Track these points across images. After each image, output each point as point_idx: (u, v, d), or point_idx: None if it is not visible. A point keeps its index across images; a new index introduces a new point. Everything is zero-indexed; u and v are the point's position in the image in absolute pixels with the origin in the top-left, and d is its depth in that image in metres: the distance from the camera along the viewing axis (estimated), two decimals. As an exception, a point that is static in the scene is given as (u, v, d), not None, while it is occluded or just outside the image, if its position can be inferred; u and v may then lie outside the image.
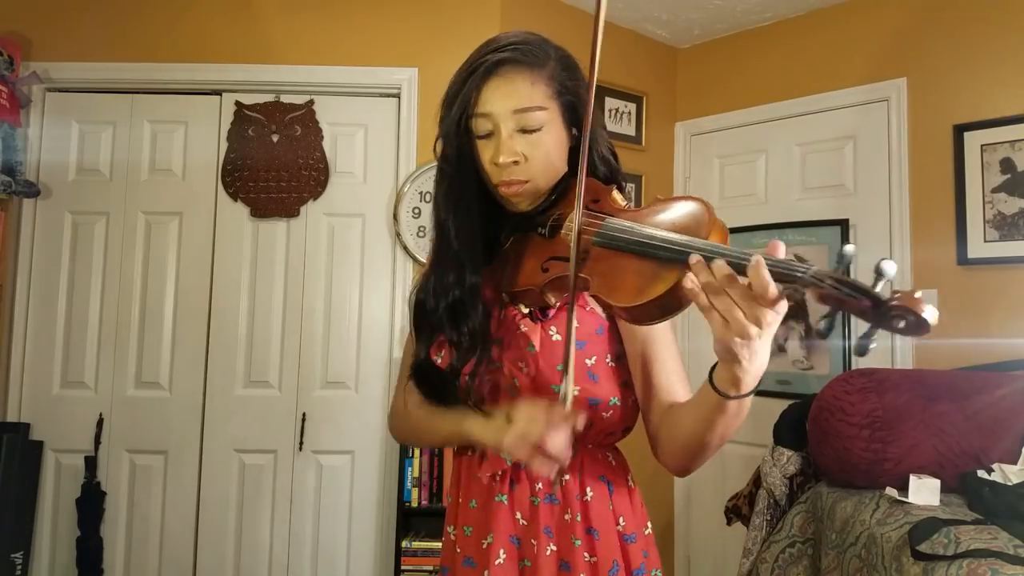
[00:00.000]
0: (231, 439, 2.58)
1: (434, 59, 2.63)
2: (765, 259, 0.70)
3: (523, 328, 1.00)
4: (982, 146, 2.51)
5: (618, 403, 0.99)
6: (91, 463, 2.52)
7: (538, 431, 0.86)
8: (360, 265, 2.65)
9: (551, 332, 1.00)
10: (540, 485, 0.99)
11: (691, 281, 0.74)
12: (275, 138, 2.63)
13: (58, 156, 2.61)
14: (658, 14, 3.08)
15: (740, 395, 0.81)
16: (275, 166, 2.62)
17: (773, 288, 0.69)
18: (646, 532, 1.06)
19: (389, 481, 2.57)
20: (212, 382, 2.59)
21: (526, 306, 1.01)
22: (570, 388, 0.88)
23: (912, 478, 1.95)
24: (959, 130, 2.56)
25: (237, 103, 2.64)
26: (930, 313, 0.64)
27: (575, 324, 0.89)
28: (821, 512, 2.12)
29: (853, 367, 2.75)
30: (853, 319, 2.86)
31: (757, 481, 2.45)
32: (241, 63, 2.62)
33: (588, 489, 1.00)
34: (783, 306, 0.72)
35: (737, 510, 2.55)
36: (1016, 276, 2.44)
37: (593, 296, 0.89)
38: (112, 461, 2.56)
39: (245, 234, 2.63)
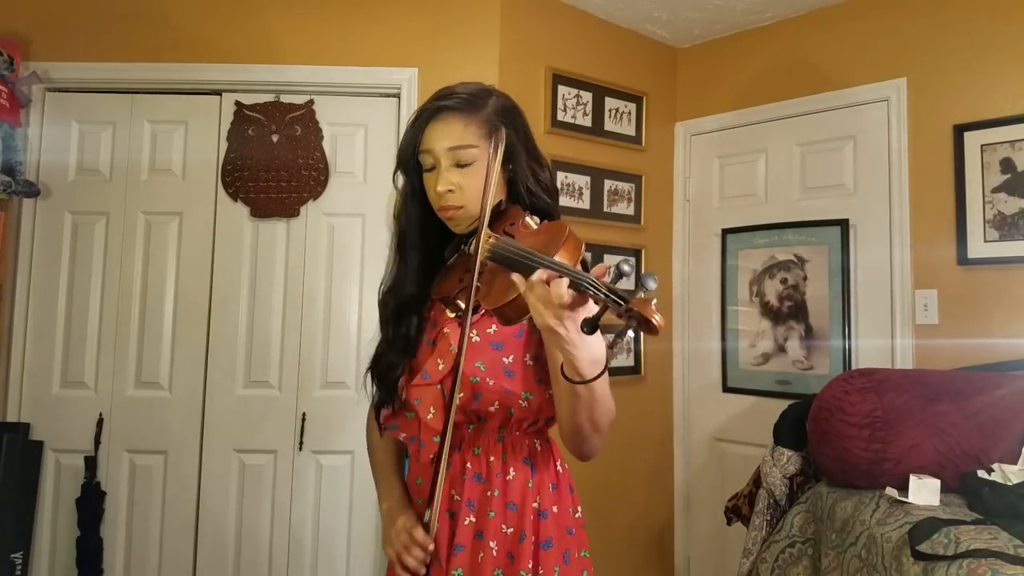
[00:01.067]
0: (231, 439, 2.57)
1: (434, 59, 2.63)
2: (568, 273, 0.91)
3: (446, 330, 1.17)
4: (982, 146, 2.51)
5: (531, 397, 1.15)
6: (91, 463, 2.52)
7: (399, 545, 1.12)
8: (360, 265, 2.65)
9: (472, 334, 1.16)
10: (468, 464, 1.16)
11: (522, 286, 0.96)
12: (275, 138, 2.63)
13: (58, 156, 2.61)
14: (658, 14, 3.08)
15: (579, 380, 0.97)
16: (275, 166, 2.62)
17: (565, 296, 0.90)
18: (576, 515, 1.23)
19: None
20: (212, 382, 2.59)
21: (451, 311, 1.18)
22: (434, 518, 1.10)
23: (912, 478, 1.96)
24: (959, 130, 2.56)
25: (237, 103, 2.64)
26: (656, 317, 0.81)
27: (463, 358, 1.08)
28: (821, 512, 2.12)
29: (853, 367, 2.75)
30: (854, 321, 2.86)
31: (757, 481, 2.45)
32: (241, 63, 2.62)
33: (511, 469, 1.16)
34: (580, 308, 0.91)
35: (737, 510, 2.55)
36: (1016, 276, 2.44)
37: (478, 301, 1.07)
38: (112, 461, 2.56)
39: (245, 234, 2.63)
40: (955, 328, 2.54)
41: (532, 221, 1.13)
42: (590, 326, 0.87)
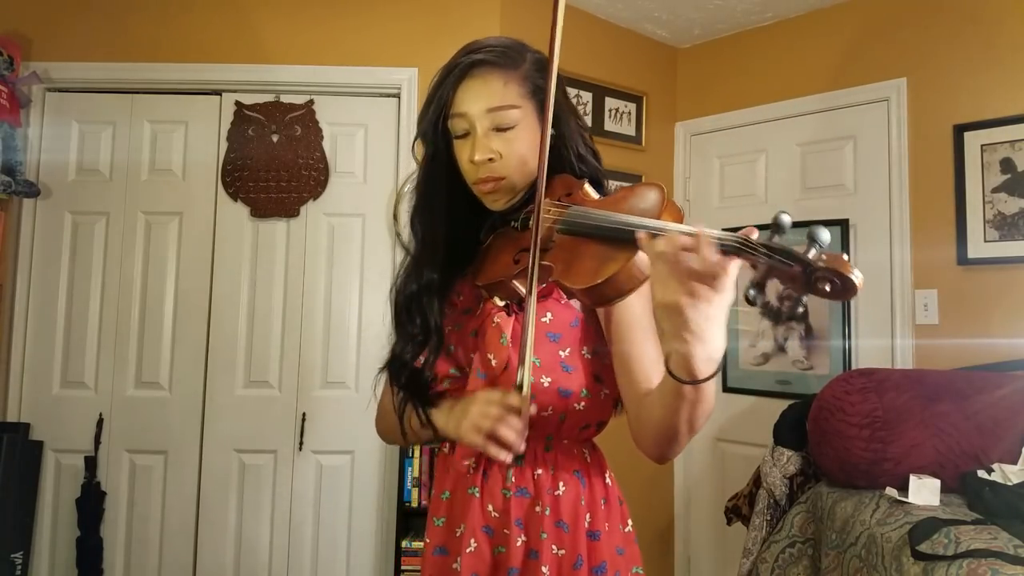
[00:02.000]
0: (231, 439, 2.57)
1: (434, 59, 2.59)
2: (695, 230, 0.73)
3: (496, 320, 1.02)
4: (982, 146, 2.51)
5: (588, 395, 1.00)
6: (91, 463, 2.52)
7: (491, 419, 0.90)
8: (360, 265, 2.65)
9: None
10: (512, 478, 1.01)
11: (640, 258, 0.79)
12: (275, 138, 2.63)
13: (58, 156, 2.61)
14: (658, 14, 3.08)
15: (693, 381, 0.80)
16: (275, 166, 2.62)
17: (712, 259, 0.72)
18: (625, 530, 1.08)
19: (389, 481, 2.57)
20: (212, 382, 2.59)
21: (500, 298, 1.03)
22: (527, 377, 0.90)
23: (912, 478, 1.96)
24: (959, 130, 2.56)
25: (237, 103, 2.64)
26: (857, 275, 0.67)
27: (532, 315, 0.91)
28: (821, 512, 2.12)
29: (853, 367, 2.75)
30: (854, 321, 2.85)
31: (757, 481, 2.45)
32: (241, 63, 2.62)
33: (560, 484, 1.02)
34: (723, 284, 0.73)
35: (737, 510, 2.55)
36: (1016, 276, 2.44)
37: (555, 282, 0.91)
38: (112, 461, 2.56)
39: (245, 234, 2.63)
40: (955, 328, 2.54)
41: (591, 189, 0.98)
42: (758, 290, 0.70)
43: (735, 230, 0.76)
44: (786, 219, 0.69)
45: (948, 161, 2.59)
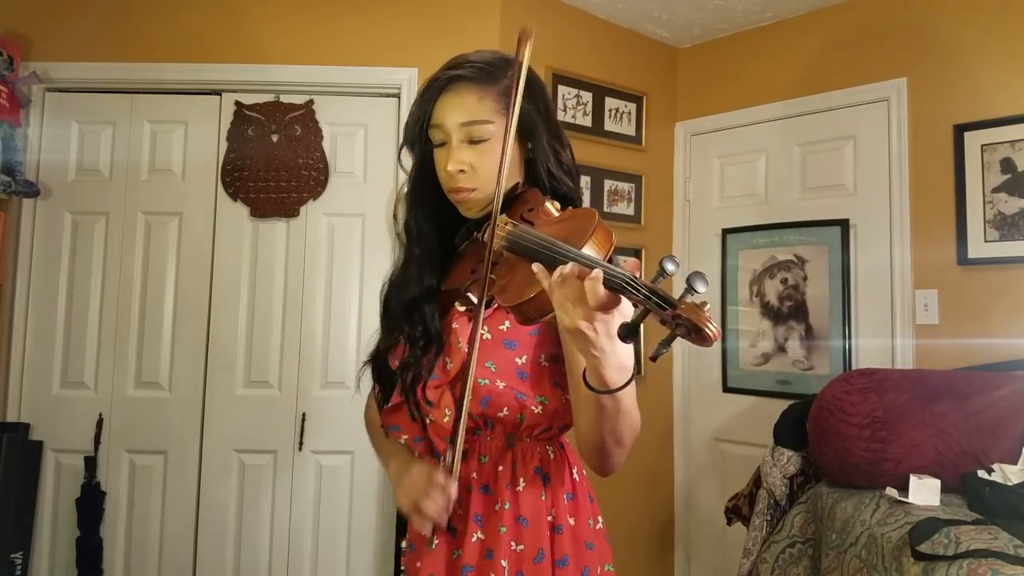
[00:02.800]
0: (231, 439, 2.57)
1: (434, 59, 2.58)
2: (603, 267, 0.79)
3: (455, 325, 1.08)
4: (982, 146, 2.51)
5: (546, 402, 1.05)
6: (91, 463, 2.52)
7: (418, 493, 0.99)
8: (360, 265, 2.65)
9: (482, 331, 1.05)
10: (474, 474, 1.06)
11: (546, 281, 0.84)
12: (275, 138, 2.63)
13: (58, 156, 2.61)
14: (658, 14, 3.08)
15: (606, 390, 0.85)
16: (275, 166, 2.62)
17: (602, 295, 0.78)
18: (597, 527, 1.12)
19: (389, 481, 2.56)
20: (212, 382, 2.59)
21: (461, 304, 1.08)
22: (457, 460, 0.98)
23: (912, 478, 1.96)
24: (959, 130, 2.56)
25: (237, 103, 2.64)
26: (710, 328, 0.71)
27: (476, 344, 0.96)
28: (821, 512, 2.12)
29: (853, 367, 2.75)
30: (854, 321, 2.85)
31: (757, 481, 2.45)
32: (241, 63, 2.62)
33: (521, 479, 1.06)
34: (616, 310, 0.80)
35: (737, 510, 2.55)
36: (1016, 276, 2.44)
37: (493, 296, 0.96)
38: (112, 461, 2.56)
39: (245, 234, 2.63)
40: (955, 328, 2.54)
41: (553, 207, 1.01)
42: (628, 332, 0.76)
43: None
44: (670, 266, 0.75)
45: (948, 161, 2.59)
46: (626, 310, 0.81)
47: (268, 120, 2.63)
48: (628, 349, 0.84)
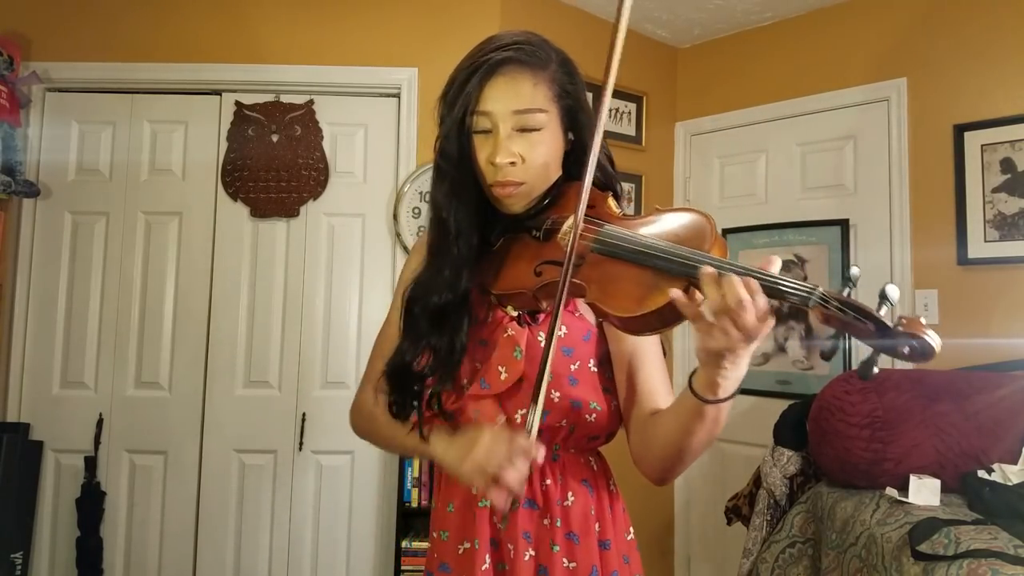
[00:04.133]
0: (231, 439, 2.57)
1: (434, 59, 2.62)
2: (769, 276, 0.72)
3: (509, 332, 0.99)
4: (982, 146, 2.51)
5: (599, 408, 0.98)
6: (91, 463, 2.52)
7: (496, 462, 0.85)
8: (360, 265, 2.65)
9: (539, 338, 0.98)
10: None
11: (689, 294, 0.76)
12: (275, 138, 2.63)
13: (58, 156, 2.61)
14: (658, 14, 3.08)
15: (719, 400, 0.81)
16: (275, 166, 2.62)
17: (764, 309, 0.72)
18: (628, 537, 1.06)
19: (389, 481, 2.57)
20: (212, 382, 2.59)
21: (515, 308, 1.00)
22: (536, 420, 0.86)
23: (912, 478, 1.95)
24: (959, 130, 2.56)
25: (237, 103, 2.64)
26: (934, 339, 0.66)
27: (554, 343, 0.86)
28: (821, 512, 2.12)
29: (853, 367, 2.75)
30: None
31: (757, 481, 2.45)
32: (241, 63, 2.62)
33: (569, 494, 0.99)
34: (773, 320, 0.74)
35: (737, 510, 2.55)
36: (1016, 276, 2.44)
37: (589, 304, 0.87)
38: (112, 461, 2.56)
39: (245, 234, 2.63)
40: (955, 328, 2.54)
41: (613, 203, 0.93)
42: (831, 350, 0.73)
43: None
44: (856, 272, 0.69)
45: (948, 161, 2.59)
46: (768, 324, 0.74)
47: (268, 120, 2.63)
48: (748, 360, 0.78)
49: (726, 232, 3.18)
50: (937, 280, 2.60)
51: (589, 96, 1.03)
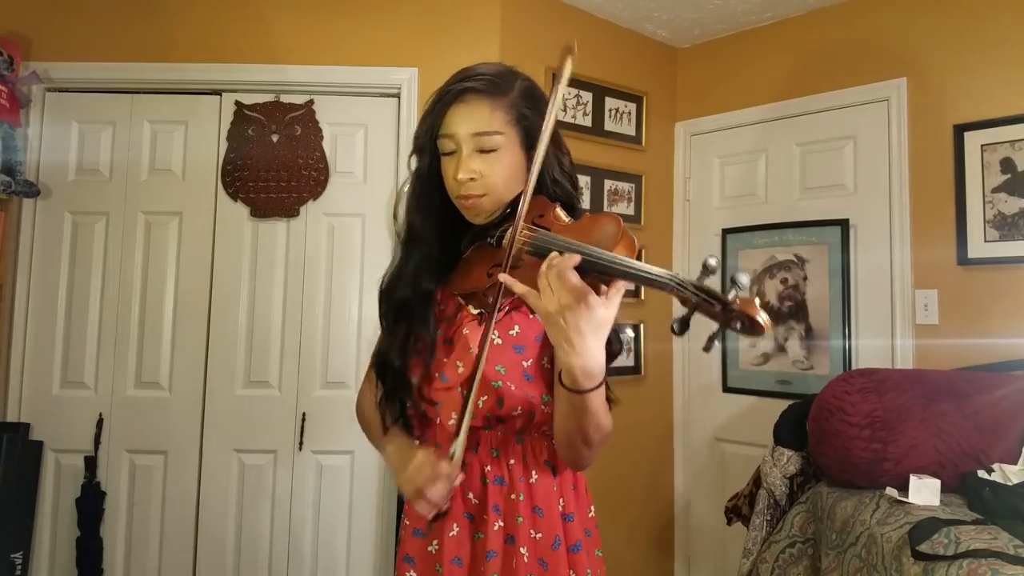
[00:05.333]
0: (231, 439, 2.57)
1: (434, 59, 2.62)
2: (644, 273, 0.86)
3: (466, 331, 1.12)
4: (982, 146, 2.51)
5: (549, 399, 1.11)
6: (91, 463, 2.52)
7: (422, 480, 1.01)
8: (360, 265, 2.65)
9: (493, 336, 1.07)
10: (488, 467, 1.11)
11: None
12: (275, 138, 2.63)
13: (58, 156, 2.61)
14: (658, 14, 3.08)
15: (575, 390, 0.94)
16: (275, 166, 2.62)
17: (572, 280, 0.87)
18: (590, 514, 1.20)
19: (389, 481, 2.57)
20: (212, 382, 2.58)
21: (475, 307, 1.13)
22: (459, 448, 1.02)
23: (912, 478, 1.96)
24: (959, 130, 2.56)
25: (237, 103, 2.64)
26: (762, 317, 0.78)
27: (487, 345, 1.00)
28: (821, 512, 2.12)
29: (853, 367, 2.75)
30: (854, 321, 2.85)
31: (757, 481, 2.45)
32: (241, 63, 2.62)
33: (533, 472, 1.13)
34: (584, 303, 0.88)
35: (737, 510, 2.55)
36: (1016, 276, 2.44)
37: (523, 301, 0.99)
38: (112, 461, 2.56)
39: (245, 234, 2.63)
40: (955, 328, 2.54)
41: (561, 212, 1.08)
42: (680, 325, 0.83)
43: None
44: (712, 262, 0.80)
45: (948, 161, 2.59)
46: (598, 318, 0.88)
47: (268, 120, 2.63)
48: (600, 354, 0.92)
49: (726, 232, 3.19)
50: (937, 280, 2.60)
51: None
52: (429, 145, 1.13)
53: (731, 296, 0.79)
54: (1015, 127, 2.45)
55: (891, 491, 2.00)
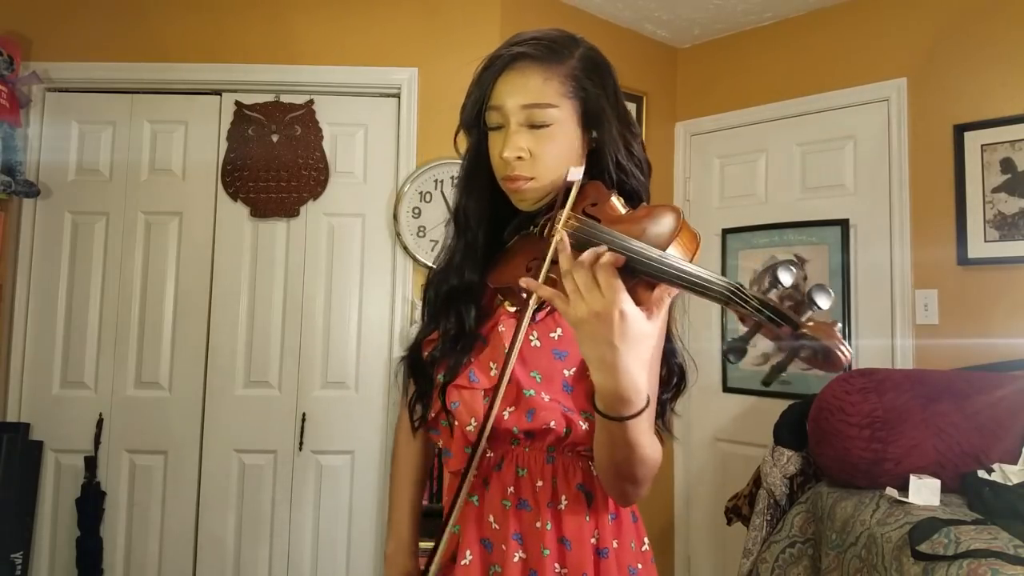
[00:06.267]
0: (231, 439, 2.57)
1: (434, 59, 2.62)
2: (687, 272, 0.73)
3: (502, 328, 1.00)
4: (982, 146, 2.51)
5: (591, 417, 0.93)
6: (91, 463, 2.52)
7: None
8: (360, 265, 2.65)
9: (531, 337, 0.98)
10: (511, 488, 0.97)
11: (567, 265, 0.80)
12: (275, 138, 2.63)
13: (58, 156, 2.61)
14: (658, 14, 3.08)
15: (608, 416, 0.81)
16: (275, 166, 2.62)
17: (605, 283, 0.75)
18: (642, 549, 1.04)
19: (389, 482, 2.57)
20: (212, 382, 2.59)
21: (511, 304, 1.01)
22: (433, 571, 0.94)
23: (912, 478, 1.95)
24: (959, 130, 2.56)
25: (237, 103, 2.64)
26: (843, 350, 0.63)
27: (523, 331, 0.89)
28: (821, 512, 2.12)
29: (853, 367, 2.75)
30: (854, 321, 2.84)
31: (757, 481, 2.45)
32: (241, 63, 2.62)
33: (563, 497, 0.97)
34: (626, 312, 0.75)
35: (737, 510, 2.55)
36: (1016, 276, 2.44)
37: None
38: (112, 461, 2.56)
39: (245, 234, 2.63)
40: (955, 328, 2.54)
41: (619, 203, 0.91)
42: (733, 349, 0.69)
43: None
44: (786, 277, 0.67)
45: (948, 161, 2.59)
46: (631, 313, 0.75)
47: (268, 120, 2.63)
48: (640, 378, 0.78)
49: (726, 232, 3.18)
50: (937, 280, 2.60)
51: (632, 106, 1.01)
52: (475, 120, 0.99)
53: (805, 318, 0.65)
54: (1015, 127, 2.45)
55: (891, 491, 2.00)
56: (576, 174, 0.89)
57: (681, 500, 3.31)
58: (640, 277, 0.77)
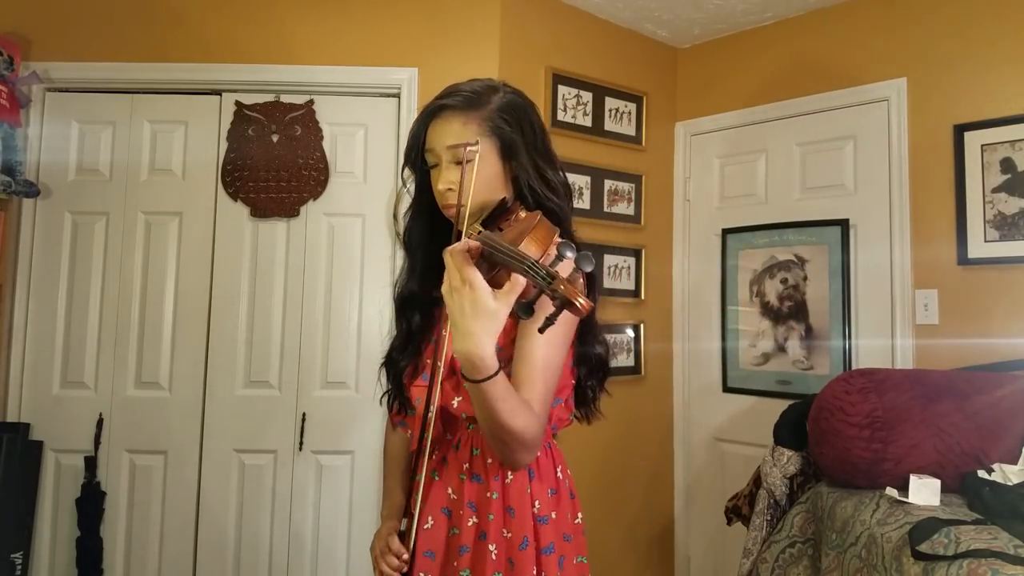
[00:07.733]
0: (231, 439, 2.57)
1: (434, 59, 2.62)
2: (499, 247, 0.91)
3: (445, 332, 1.16)
4: (982, 146, 2.51)
5: None
6: (91, 463, 2.52)
7: (378, 550, 1.19)
8: (360, 265, 2.65)
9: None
10: (467, 464, 1.18)
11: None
12: (275, 138, 2.63)
13: (58, 156, 2.61)
14: (658, 14, 3.08)
15: (468, 379, 0.97)
16: (275, 166, 2.62)
17: (456, 261, 0.94)
18: (575, 521, 1.23)
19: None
20: (212, 382, 2.59)
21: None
22: (411, 529, 1.15)
23: (912, 478, 1.95)
24: (959, 130, 2.56)
25: (237, 103, 2.64)
26: (583, 301, 0.80)
27: (448, 329, 1.07)
28: (821, 512, 2.12)
29: (853, 367, 2.75)
30: (854, 321, 2.85)
31: (757, 481, 2.45)
32: (241, 63, 2.62)
33: (509, 472, 1.15)
34: (468, 285, 0.92)
35: (737, 510, 2.55)
36: (1016, 276, 2.44)
37: None
38: (112, 461, 2.56)
39: (245, 234, 2.63)
40: (955, 328, 2.54)
41: (523, 216, 1.13)
42: (523, 308, 0.87)
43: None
44: (568, 252, 0.85)
45: (948, 161, 2.59)
46: (480, 288, 0.92)
47: (268, 120, 2.63)
48: (484, 348, 0.93)
49: (726, 232, 3.19)
50: (937, 280, 2.60)
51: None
52: (418, 159, 1.23)
53: (560, 271, 0.83)
54: (1015, 127, 2.45)
55: (891, 491, 2.00)
56: (471, 153, 1.14)
57: (681, 500, 3.31)
58: (498, 268, 0.95)
